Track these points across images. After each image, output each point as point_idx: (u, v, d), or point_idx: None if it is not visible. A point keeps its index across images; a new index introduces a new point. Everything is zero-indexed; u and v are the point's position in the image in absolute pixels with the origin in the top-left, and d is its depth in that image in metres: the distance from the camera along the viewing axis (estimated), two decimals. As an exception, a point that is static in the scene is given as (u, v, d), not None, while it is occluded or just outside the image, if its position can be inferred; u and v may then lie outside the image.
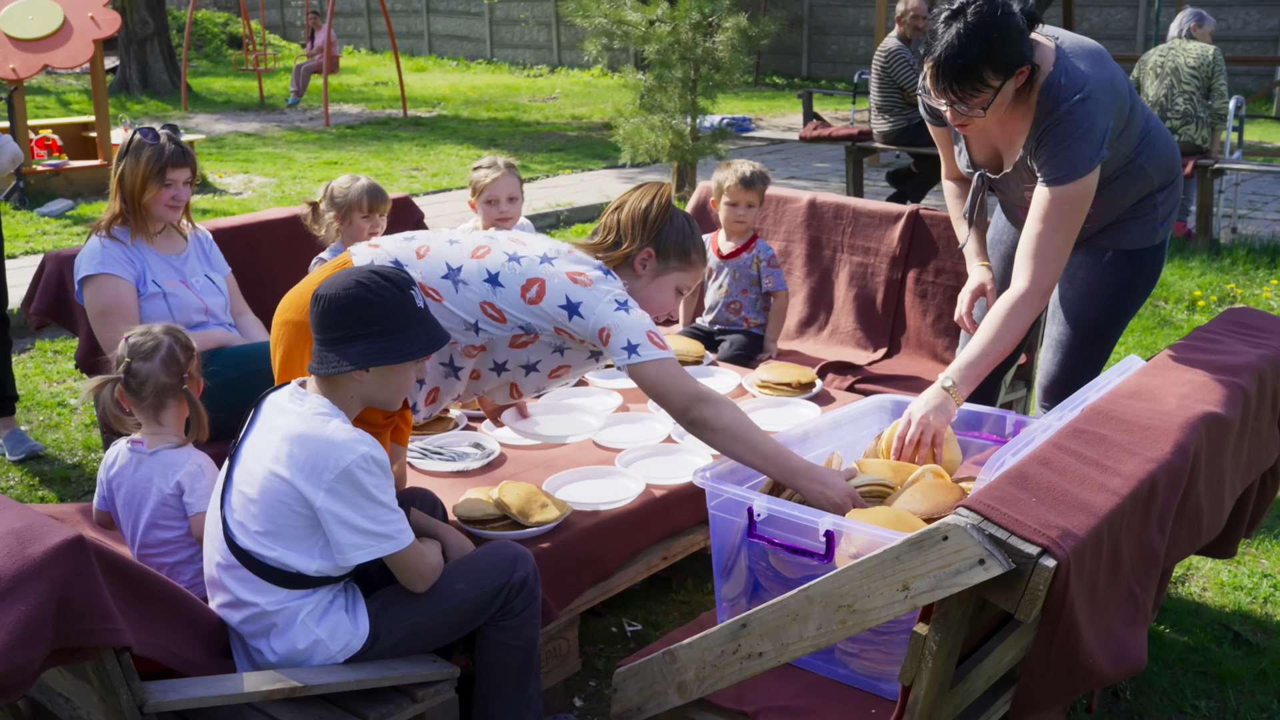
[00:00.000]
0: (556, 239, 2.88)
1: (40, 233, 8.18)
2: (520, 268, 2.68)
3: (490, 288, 2.67)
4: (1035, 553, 1.81)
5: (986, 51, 2.63)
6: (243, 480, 2.32)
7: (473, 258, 2.70)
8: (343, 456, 2.22)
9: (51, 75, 18.17)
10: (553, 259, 2.71)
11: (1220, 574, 3.57)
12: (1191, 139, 7.64)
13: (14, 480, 4.31)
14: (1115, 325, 3.15)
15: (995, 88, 2.69)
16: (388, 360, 2.32)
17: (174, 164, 3.54)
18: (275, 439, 2.29)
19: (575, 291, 2.66)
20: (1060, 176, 2.76)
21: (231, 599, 2.34)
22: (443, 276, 2.68)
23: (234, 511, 2.32)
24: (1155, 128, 3.00)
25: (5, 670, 1.77)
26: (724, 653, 2.19)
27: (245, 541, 2.30)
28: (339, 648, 2.34)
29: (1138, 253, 3.07)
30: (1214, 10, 16.40)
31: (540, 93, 18.43)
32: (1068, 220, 2.79)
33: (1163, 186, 3.04)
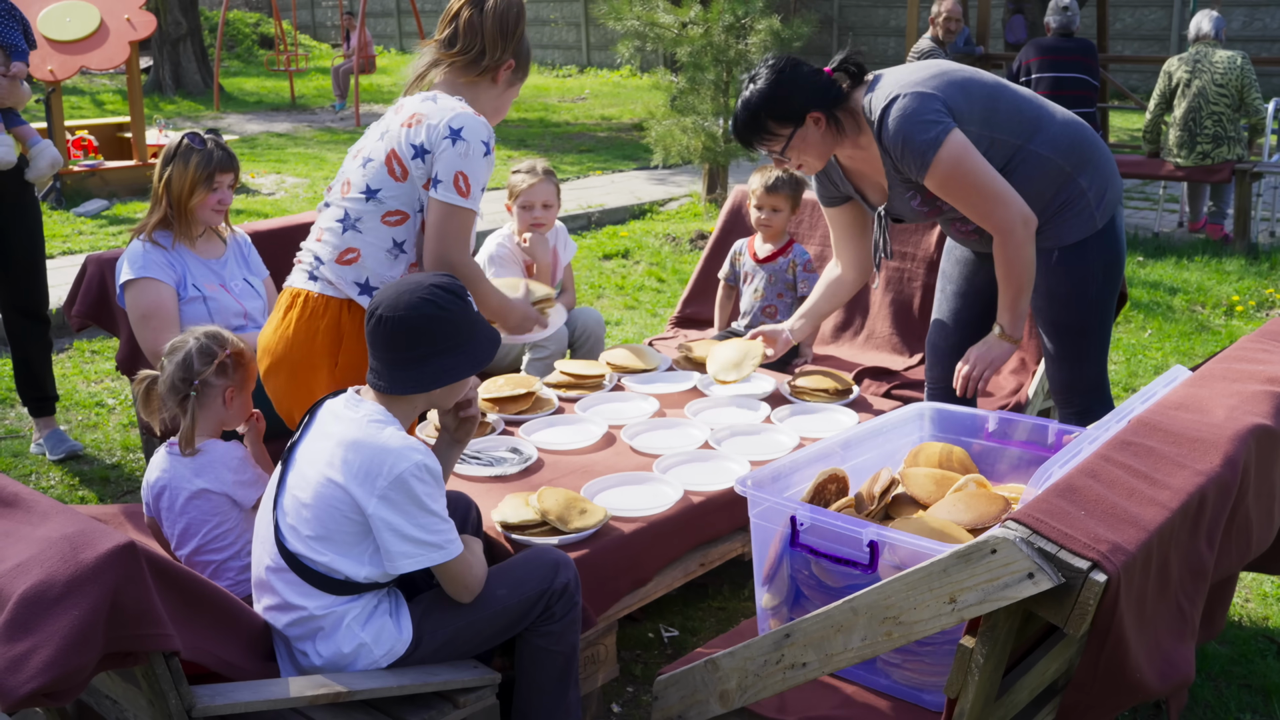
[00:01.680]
0: None
1: (76, 233, 8.27)
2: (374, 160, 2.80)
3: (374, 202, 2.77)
4: (1086, 567, 1.80)
5: (768, 105, 3.00)
6: (296, 484, 2.34)
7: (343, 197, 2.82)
8: (396, 464, 2.24)
9: (86, 76, 18.34)
10: (387, 130, 2.81)
11: (1263, 585, 3.53)
12: (1226, 159, 7.55)
13: (54, 480, 4.36)
14: (1090, 318, 3.16)
15: (785, 134, 3.03)
16: (465, 375, 2.38)
17: (222, 169, 3.60)
18: (330, 445, 2.30)
19: (415, 134, 2.74)
20: (924, 163, 2.94)
21: (279, 602, 2.35)
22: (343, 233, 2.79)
23: (286, 515, 2.34)
24: (1043, 114, 3.08)
25: (59, 675, 1.79)
26: (767, 662, 2.19)
27: (296, 545, 2.32)
28: (383, 652, 2.35)
29: (1081, 244, 3.09)
30: (1250, 10, 16.25)
31: (569, 93, 18.46)
32: (968, 181, 2.94)
33: (1080, 171, 3.06)
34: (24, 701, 1.80)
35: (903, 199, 3.12)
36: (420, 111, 2.77)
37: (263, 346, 2.90)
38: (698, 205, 9.33)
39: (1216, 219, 8.15)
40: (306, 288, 2.84)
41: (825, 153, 3.11)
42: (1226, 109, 7.47)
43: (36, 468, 4.47)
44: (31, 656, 1.79)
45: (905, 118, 2.93)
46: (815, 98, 3.02)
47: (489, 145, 2.74)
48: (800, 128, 3.02)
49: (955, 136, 2.91)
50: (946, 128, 2.91)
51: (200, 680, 2.17)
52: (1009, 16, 12.33)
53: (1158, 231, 8.39)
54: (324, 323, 2.80)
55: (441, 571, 2.35)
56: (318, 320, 2.81)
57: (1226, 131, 7.50)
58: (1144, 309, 6.49)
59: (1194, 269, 7.27)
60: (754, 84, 3.03)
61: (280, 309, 2.90)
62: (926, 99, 2.93)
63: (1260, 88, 7.55)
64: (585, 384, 3.78)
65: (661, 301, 6.74)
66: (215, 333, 2.82)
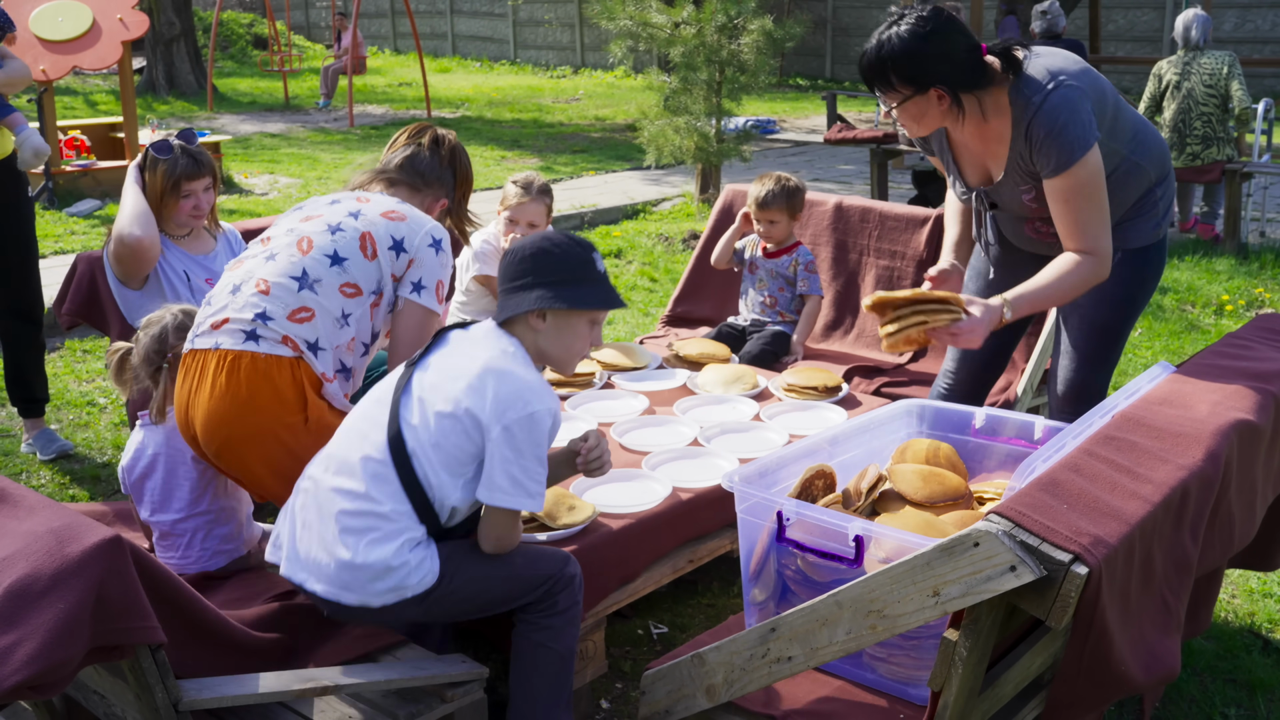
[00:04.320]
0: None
1: (69, 233, 8.26)
2: (345, 233, 2.79)
3: (338, 269, 2.75)
4: (1067, 560, 1.81)
5: (896, 60, 2.81)
6: (428, 391, 2.38)
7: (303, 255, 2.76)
8: (533, 402, 2.32)
9: (79, 76, 18.31)
10: (359, 213, 2.84)
11: (1249, 581, 3.55)
12: (1215, 160, 7.57)
13: (45, 479, 4.36)
14: (1128, 324, 3.18)
15: (905, 94, 2.84)
16: (561, 304, 2.40)
17: (188, 176, 3.55)
18: (474, 366, 2.36)
19: (397, 229, 2.81)
20: (1061, 163, 2.81)
21: (357, 489, 2.35)
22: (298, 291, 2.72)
23: (410, 414, 2.37)
24: (1143, 124, 3.05)
25: (45, 668, 1.79)
26: (753, 656, 2.20)
27: (411, 443, 2.35)
28: (416, 580, 2.35)
29: (1145, 250, 3.10)
30: (1241, 11, 16.30)
31: (564, 94, 18.46)
32: (1089, 200, 2.84)
33: (1160, 180, 3.08)
34: (9, 694, 1.80)
35: (1014, 190, 2.99)
36: (400, 210, 2.88)
37: (214, 422, 2.64)
38: (690, 205, 9.34)
39: (1207, 219, 8.18)
40: (247, 349, 2.65)
41: (935, 125, 2.94)
42: (1216, 110, 7.50)
43: (27, 466, 4.47)
44: (17, 650, 1.79)
45: (1066, 108, 2.77)
46: (952, 74, 2.82)
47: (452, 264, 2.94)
48: (921, 96, 2.84)
49: (1095, 156, 2.81)
50: (1091, 140, 2.80)
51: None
52: (1001, 18, 12.36)
53: (1149, 231, 8.41)
54: (282, 380, 2.66)
55: (503, 517, 2.38)
56: (274, 379, 2.66)
57: (1216, 132, 7.53)
58: (1134, 308, 6.51)
59: (1184, 269, 7.29)
60: (897, 28, 2.82)
61: (211, 374, 2.65)
62: (1084, 99, 2.81)
63: (1251, 88, 7.56)
64: (575, 382, 3.78)
65: (654, 301, 6.75)
66: (192, 310, 2.89)
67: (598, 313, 2.49)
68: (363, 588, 2.33)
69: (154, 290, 3.58)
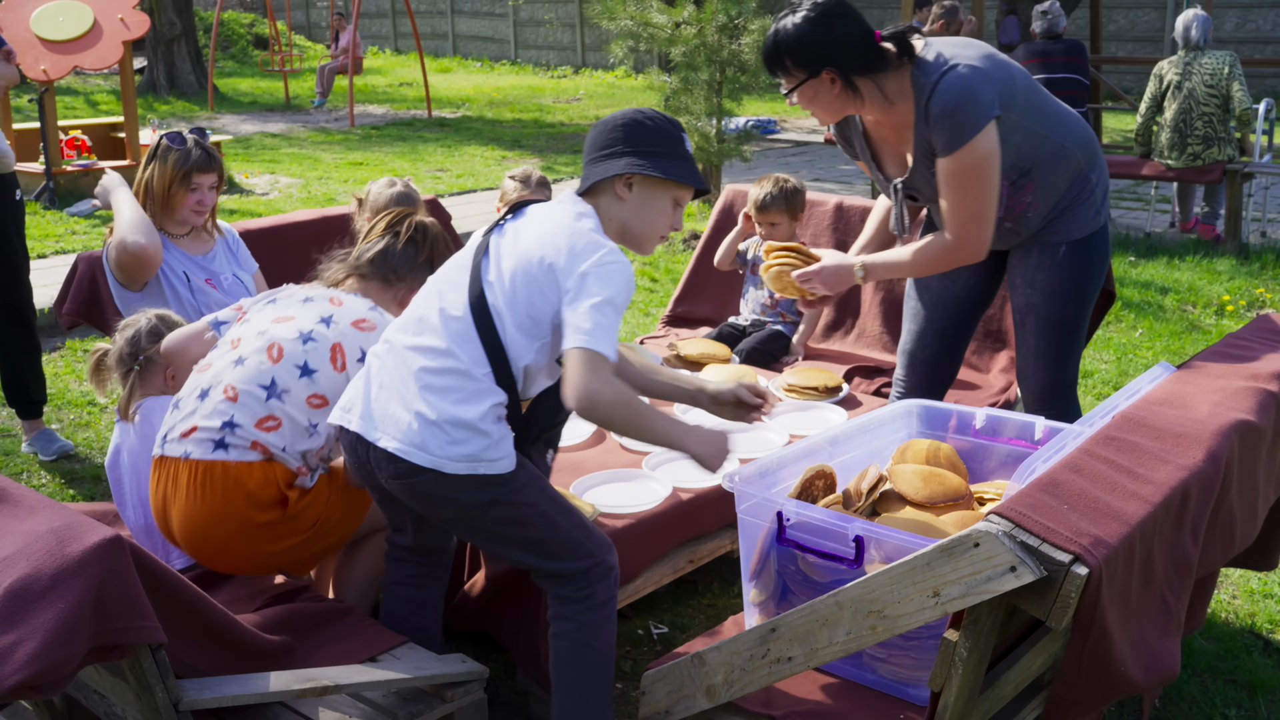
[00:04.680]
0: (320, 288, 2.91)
1: (70, 232, 8.27)
2: (317, 343, 2.70)
3: (307, 380, 2.67)
4: (1067, 560, 1.81)
5: (789, 45, 2.86)
6: (506, 250, 2.39)
7: (273, 363, 2.67)
8: (608, 257, 2.31)
9: (80, 76, 18.32)
10: (331, 319, 2.75)
11: (1250, 582, 3.55)
12: (1216, 160, 7.56)
13: (45, 479, 4.36)
14: (1083, 315, 3.17)
15: (799, 78, 2.89)
16: (654, 172, 2.38)
17: (200, 169, 3.57)
18: (550, 224, 2.37)
19: (366, 340, 2.72)
20: (950, 143, 2.84)
21: (437, 345, 2.35)
22: (265, 400, 2.65)
23: (489, 273, 2.38)
24: (1066, 112, 3.06)
25: (45, 668, 1.79)
26: (753, 657, 2.20)
27: (492, 302, 2.35)
28: (494, 456, 2.33)
29: (1088, 239, 3.09)
30: (1242, 12, 16.30)
31: (564, 94, 18.47)
32: (974, 186, 2.87)
33: (1091, 166, 3.07)
34: (10, 694, 1.80)
35: (925, 175, 3.02)
36: (370, 320, 2.79)
37: (191, 532, 2.60)
38: (691, 205, 9.35)
39: (1208, 220, 8.17)
40: (217, 458, 2.59)
41: (837, 111, 2.97)
42: (1217, 110, 7.49)
43: (28, 466, 4.47)
44: (17, 649, 1.79)
45: (963, 90, 2.81)
46: (843, 57, 2.86)
47: None
48: (814, 79, 2.88)
49: (991, 132, 2.83)
50: (990, 116, 2.82)
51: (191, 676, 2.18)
52: (1002, 18, 12.36)
53: (1149, 232, 8.42)
54: (254, 483, 2.60)
55: (588, 363, 2.25)
56: (246, 485, 2.59)
57: (1217, 132, 7.52)
58: (1135, 309, 6.51)
59: (1185, 269, 7.29)
60: (792, 15, 2.88)
61: (185, 486, 2.59)
62: (986, 80, 2.83)
63: (1252, 88, 7.56)
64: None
65: (654, 301, 6.75)
66: (166, 315, 3.00)
67: (684, 192, 2.46)
68: (441, 449, 2.30)
69: (154, 291, 3.58)
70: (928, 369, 3.36)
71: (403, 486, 2.38)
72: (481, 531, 2.46)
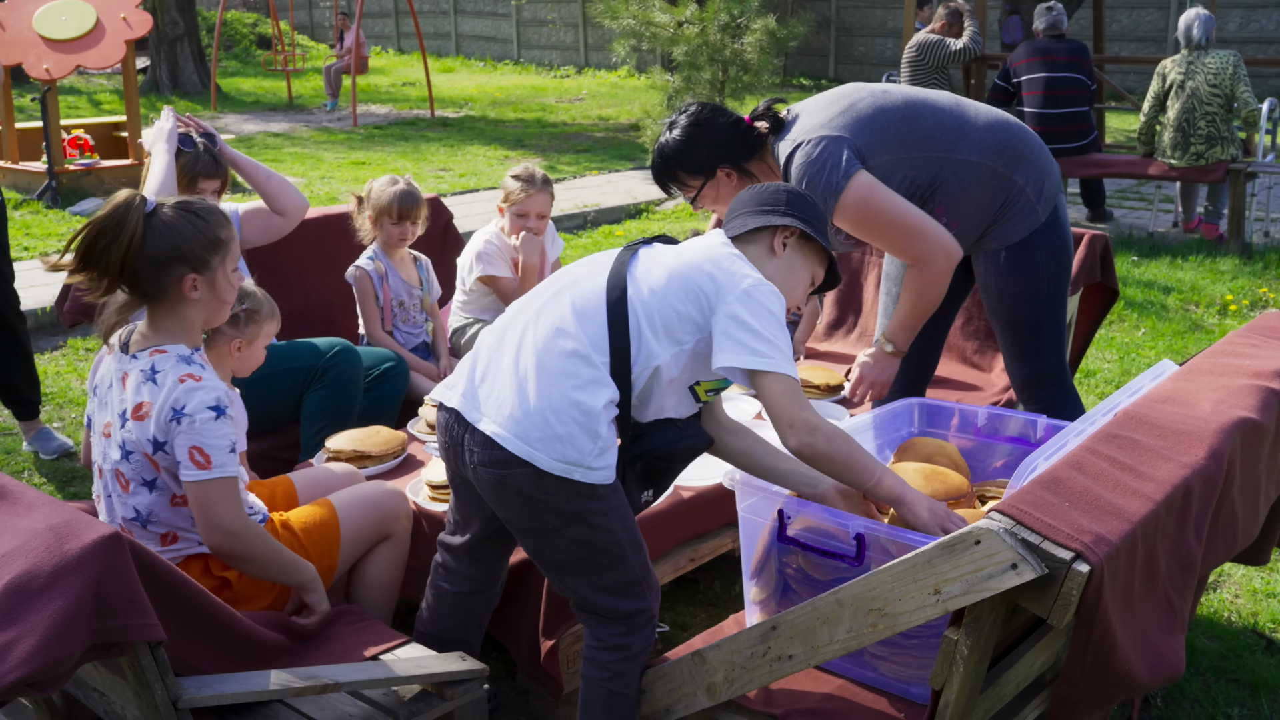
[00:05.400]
0: None
1: (72, 231, 8.26)
2: (134, 452, 2.47)
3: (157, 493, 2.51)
4: (1068, 558, 1.80)
5: (677, 159, 2.99)
6: (658, 255, 2.34)
7: (126, 493, 2.52)
8: (761, 284, 2.27)
9: (83, 75, 18.34)
10: (125, 414, 2.48)
11: (1253, 581, 3.54)
12: (1219, 160, 7.55)
13: (46, 477, 4.36)
14: (1044, 312, 3.15)
15: (696, 185, 3.01)
16: (814, 234, 2.39)
17: (205, 175, 3.60)
18: (707, 249, 2.34)
19: (144, 428, 2.45)
20: (829, 207, 2.89)
21: (564, 326, 2.26)
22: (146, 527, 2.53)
23: (638, 266, 2.32)
24: (971, 122, 3.03)
25: (43, 665, 1.79)
26: (753, 655, 2.19)
27: (633, 294, 2.27)
28: (599, 465, 2.23)
29: (1028, 240, 3.07)
30: (1246, 12, 16.27)
31: (567, 93, 18.46)
32: (876, 219, 2.91)
33: (1015, 168, 3.03)
34: (8, 691, 1.80)
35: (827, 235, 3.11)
36: (144, 402, 2.44)
37: None
38: (687, 205, 9.33)
39: (1211, 219, 8.16)
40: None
41: (729, 199, 2.99)
42: (1220, 109, 7.48)
43: (28, 465, 4.47)
44: (15, 646, 1.79)
45: (806, 165, 2.89)
46: (728, 151, 2.99)
47: (218, 406, 2.43)
48: (711, 180, 2.99)
49: (859, 179, 2.87)
50: (848, 172, 2.86)
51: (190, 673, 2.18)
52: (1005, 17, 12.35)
53: (1152, 231, 8.41)
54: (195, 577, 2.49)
55: (780, 386, 2.21)
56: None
57: (1220, 132, 7.51)
58: (1138, 308, 6.50)
59: (1188, 268, 7.28)
60: (670, 133, 3.00)
61: None
62: (830, 144, 2.89)
63: (1255, 88, 7.54)
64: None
65: (656, 300, 6.74)
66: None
67: (821, 270, 2.46)
68: (542, 443, 2.20)
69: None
70: (904, 367, 3.35)
71: (492, 477, 2.26)
72: (549, 546, 2.31)
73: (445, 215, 4.85)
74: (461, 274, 4.24)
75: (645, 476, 2.38)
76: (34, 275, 6.93)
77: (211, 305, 2.53)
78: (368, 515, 2.77)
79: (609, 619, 2.34)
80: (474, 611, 2.60)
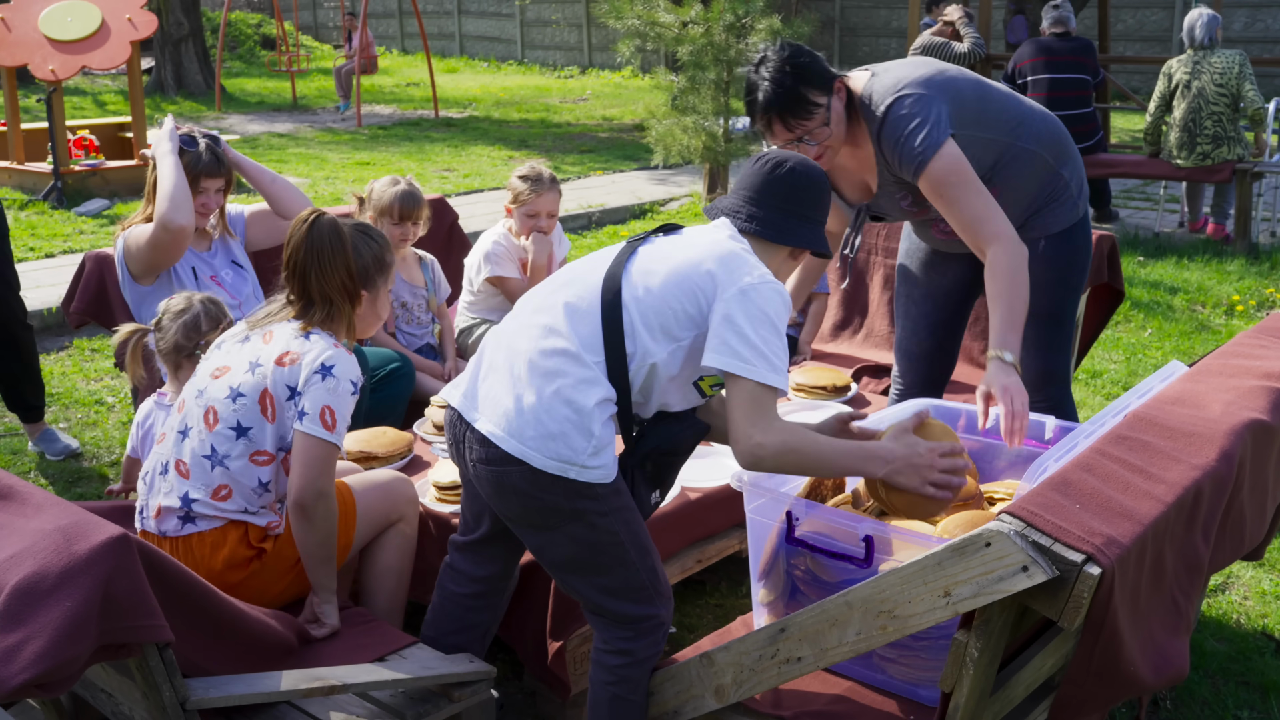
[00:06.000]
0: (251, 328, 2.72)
1: (78, 232, 8.27)
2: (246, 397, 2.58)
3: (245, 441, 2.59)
4: (1080, 560, 1.80)
5: (801, 75, 2.80)
6: (657, 254, 2.32)
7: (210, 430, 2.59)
8: (764, 280, 2.24)
9: (88, 76, 18.36)
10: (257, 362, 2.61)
11: (1262, 583, 3.53)
12: (1225, 160, 7.53)
13: (52, 477, 4.36)
14: (1068, 305, 3.18)
15: (824, 104, 2.83)
16: (824, 248, 2.44)
17: (208, 174, 3.60)
18: (709, 244, 2.31)
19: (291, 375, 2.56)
20: (919, 164, 2.83)
21: (554, 325, 2.27)
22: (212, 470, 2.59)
23: (634, 266, 2.30)
24: (1029, 111, 3.05)
25: (51, 666, 1.79)
26: (762, 657, 2.19)
27: (628, 294, 2.26)
28: (595, 464, 2.23)
29: (1068, 231, 3.11)
30: (1251, 11, 16.24)
31: (571, 94, 18.46)
32: (962, 187, 2.84)
33: (1062, 162, 3.08)
34: (17, 692, 1.80)
35: (892, 198, 3.06)
36: (293, 351, 2.59)
37: None
38: (698, 205, 9.33)
39: (1218, 219, 8.14)
40: (187, 532, 2.58)
41: (839, 137, 2.90)
42: (1226, 109, 7.46)
43: (34, 465, 4.47)
44: (24, 648, 1.79)
45: (908, 117, 2.83)
46: (829, 70, 2.87)
47: (356, 385, 2.59)
48: (832, 97, 2.84)
49: (950, 150, 2.83)
50: (942, 138, 2.83)
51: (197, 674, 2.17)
52: (1010, 17, 12.33)
53: (1158, 231, 8.39)
54: (230, 545, 2.59)
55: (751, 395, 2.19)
56: (221, 550, 2.58)
57: (1226, 132, 7.49)
58: (1144, 308, 6.49)
59: (1194, 269, 7.26)
60: (773, 57, 2.82)
61: None
62: (929, 101, 2.86)
63: (1261, 87, 7.52)
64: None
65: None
66: (214, 300, 3.07)
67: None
68: (536, 441, 2.21)
69: (164, 285, 3.59)
70: (925, 364, 3.38)
71: (490, 474, 2.28)
72: (550, 543, 2.32)
73: (451, 216, 4.85)
74: (469, 274, 4.24)
75: (653, 477, 2.39)
76: (40, 275, 6.94)
77: (370, 320, 2.79)
78: (381, 497, 2.81)
79: (616, 623, 2.34)
80: (477, 617, 2.59)
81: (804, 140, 2.85)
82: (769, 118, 2.83)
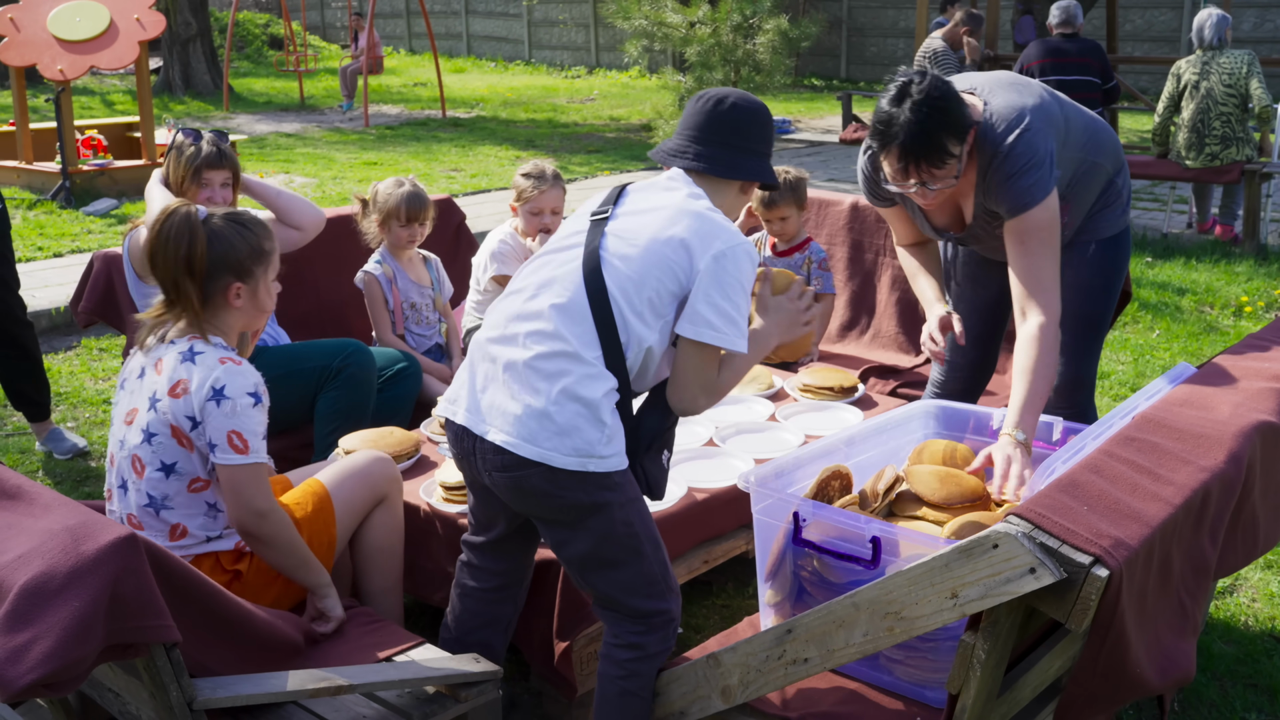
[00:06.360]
0: None
1: (86, 231, 8.29)
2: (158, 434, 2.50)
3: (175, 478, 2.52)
4: (1088, 562, 1.79)
5: (944, 122, 2.64)
6: (626, 231, 2.33)
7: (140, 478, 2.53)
8: (733, 239, 2.29)
9: (96, 76, 18.41)
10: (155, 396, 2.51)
11: (1270, 585, 3.52)
12: (1234, 160, 7.51)
13: (60, 476, 4.37)
14: (1108, 311, 3.22)
15: (958, 155, 2.70)
16: (772, 179, 2.47)
17: (210, 165, 3.56)
18: (670, 208, 2.33)
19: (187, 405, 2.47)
20: (1021, 206, 2.77)
21: (548, 329, 2.28)
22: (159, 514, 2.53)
23: (609, 252, 2.31)
24: (1093, 123, 3.06)
25: (59, 666, 1.79)
26: (769, 658, 2.19)
27: (611, 284, 2.27)
28: (606, 452, 2.25)
29: (1116, 237, 3.15)
30: (1260, 11, 16.20)
31: (578, 94, 18.47)
32: (1045, 245, 2.80)
33: (1116, 171, 3.12)
34: (24, 692, 1.80)
35: (989, 229, 2.95)
36: (180, 377, 2.47)
37: None
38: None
39: (1226, 220, 8.12)
40: None
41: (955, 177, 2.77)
42: (1235, 110, 7.43)
43: (42, 464, 4.48)
44: (32, 647, 1.79)
45: (1025, 154, 2.72)
46: (967, 110, 2.71)
47: (257, 394, 2.50)
48: (963, 145, 2.71)
49: (1053, 198, 2.76)
50: (1051, 184, 2.74)
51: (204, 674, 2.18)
52: (1018, 17, 12.32)
53: (1166, 232, 8.37)
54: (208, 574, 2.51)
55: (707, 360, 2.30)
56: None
57: (1235, 132, 7.47)
58: (1152, 309, 6.47)
59: (1203, 270, 7.24)
60: (916, 93, 2.62)
61: None
62: (1044, 138, 2.76)
63: (1270, 88, 7.49)
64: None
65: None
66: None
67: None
68: (550, 441, 2.22)
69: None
70: (968, 372, 3.41)
71: (508, 480, 2.29)
72: (572, 538, 2.32)
73: (458, 216, 4.85)
74: (476, 274, 4.24)
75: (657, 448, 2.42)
76: (48, 275, 6.95)
77: (251, 313, 2.63)
78: (358, 485, 2.79)
79: (628, 617, 2.35)
80: (500, 609, 2.60)
81: (925, 185, 2.73)
82: (905, 161, 2.68)
